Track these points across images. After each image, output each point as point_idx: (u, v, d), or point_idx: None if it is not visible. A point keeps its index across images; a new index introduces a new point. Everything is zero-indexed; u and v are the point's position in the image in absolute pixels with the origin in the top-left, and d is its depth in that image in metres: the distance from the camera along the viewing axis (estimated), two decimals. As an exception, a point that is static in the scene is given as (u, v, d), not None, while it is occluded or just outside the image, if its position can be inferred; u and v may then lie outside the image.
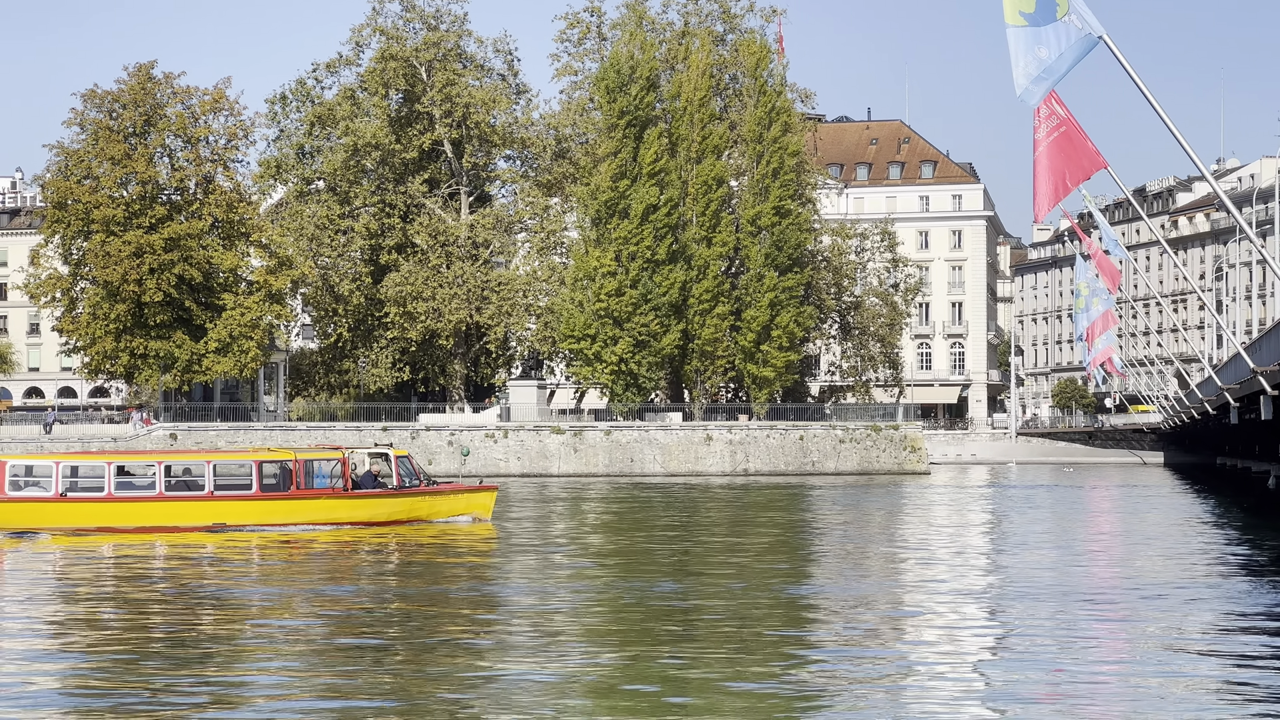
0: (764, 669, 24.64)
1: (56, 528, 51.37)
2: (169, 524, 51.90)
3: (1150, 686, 23.23)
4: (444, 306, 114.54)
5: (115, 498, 52.17)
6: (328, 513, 53.62)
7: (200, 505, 52.53)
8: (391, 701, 22.45)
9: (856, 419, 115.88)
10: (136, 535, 50.52)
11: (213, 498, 52.62)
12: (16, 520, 51.42)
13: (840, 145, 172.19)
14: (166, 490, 52.58)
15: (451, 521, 55.33)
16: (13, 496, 51.78)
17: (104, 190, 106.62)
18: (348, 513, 53.97)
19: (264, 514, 52.99)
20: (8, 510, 51.50)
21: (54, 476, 52.16)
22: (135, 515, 52.12)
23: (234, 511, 52.71)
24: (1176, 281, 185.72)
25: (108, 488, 52.27)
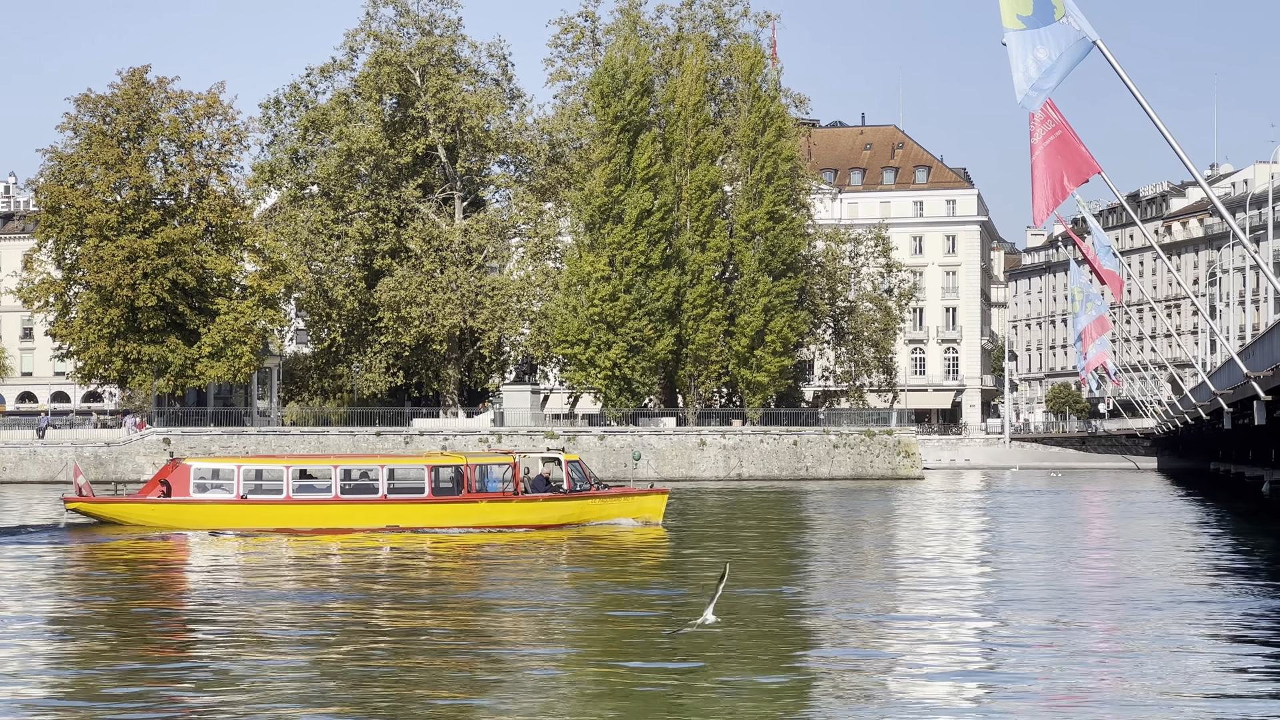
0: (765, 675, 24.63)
1: (237, 528, 53.08)
2: (344, 526, 53.57)
3: (1144, 692, 23.20)
4: (438, 311, 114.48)
5: (293, 500, 54.16)
6: (498, 516, 54.81)
7: (375, 508, 54.18)
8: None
9: (850, 424, 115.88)
10: (313, 536, 52.14)
11: (386, 501, 54.33)
12: (200, 521, 53.27)
13: (834, 150, 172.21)
14: (342, 493, 54.50)
15: (621, 525, 55.91)
16: (197, 499, 53.80)
17: (97, 195, 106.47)
18: (518, 516, 55.05)
19: (436, 517, 54.26)
20: (193, 511, 53.48)
21: (236, 479, 54.19)
22: (312, 517, 54.01)
23: (407, 514, 54.14)
24: (1170, 287, 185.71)
25: (286, 490, 54.28)
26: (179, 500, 53.77)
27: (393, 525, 53.51)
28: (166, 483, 54.30)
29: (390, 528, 53.32)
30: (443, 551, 48.08)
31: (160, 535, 52.01)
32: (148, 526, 53.13)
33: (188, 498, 53.80)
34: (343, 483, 54.86)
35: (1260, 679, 24.37)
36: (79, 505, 55.07)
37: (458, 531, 53.27)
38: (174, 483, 54.09)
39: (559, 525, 55.06)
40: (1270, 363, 50.52)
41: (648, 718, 21.79)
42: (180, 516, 53.55)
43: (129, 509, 54.85)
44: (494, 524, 54.32)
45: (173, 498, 53.83)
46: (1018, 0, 31.40)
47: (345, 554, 47.69)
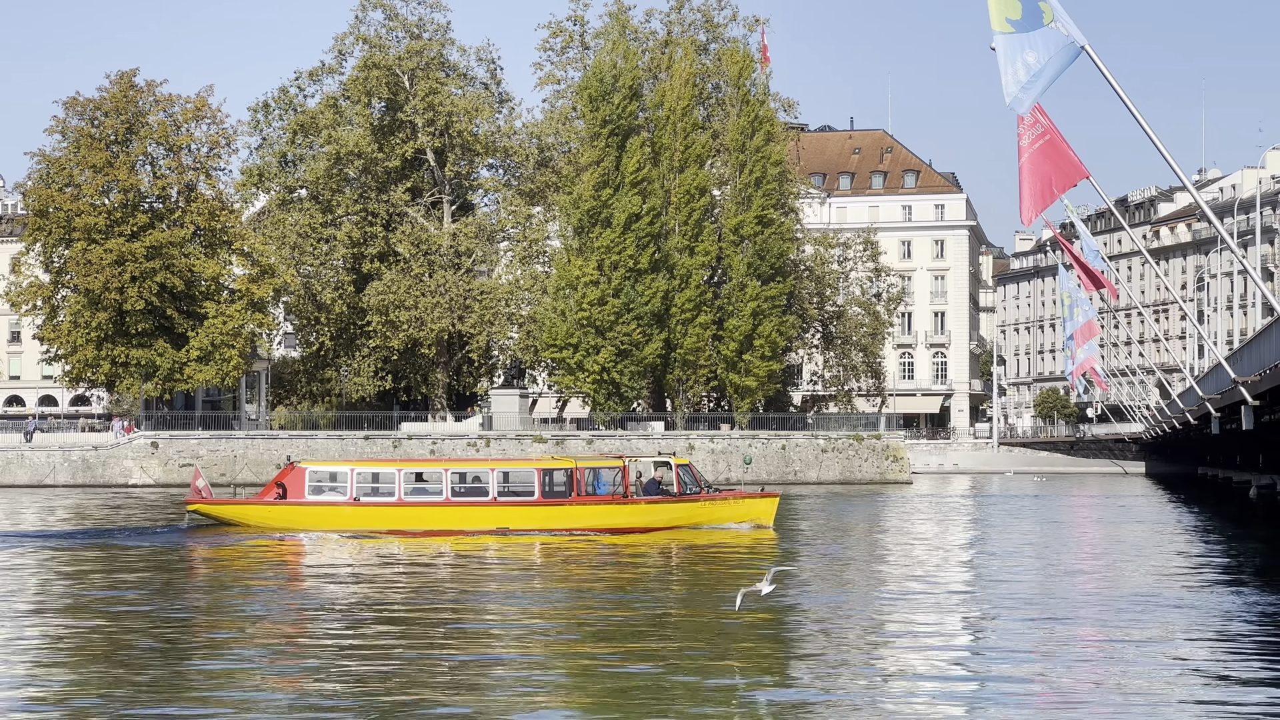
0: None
1: (350, 530, 54.04)
2: (454, 528, 54.22)
3: (1131, 696, 23.22)
4: (426, 315, 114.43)
5: (405, 502, 55.25)
6: (608, 518, 55.26)
7: (485, 510, 54.96)
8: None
9: (839, 428, 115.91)
10: (425, 538, 52.78)
11: (496, 503, 55.13)
12: (314, 523, 54.30)
13: (823, 155, 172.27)
14: (453, 496, 55.41)
15: (731, 528, 56.22)
16: (312, 500, 54.97)
17: (86, 198, 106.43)
18: (628, 519, 55.46)
19: (546, 519, 54.90)
20: (307, 513, 54.57)
21: (349, 482, 55.32)
22: (423, 519, 54.80)
23: (517, 516, 54.87)
24: (1158, 291, 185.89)
25: (398, 493, 55.40)
26: (294, 502, 55.07)
27: (503, 527, 54.30)
28: (283, 485, 55.68)
29: (500, 530, 54.14)
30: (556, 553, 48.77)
31: (276, 536, 53.35)
32: (264, 528, 54.61)
33: (303, 500, 55.06)
34: (453, 485, 55.83)
35: (1248, 683, 24.39)
36: (200, 507, 56.55)
37: (567, 534, 53.90)
38: (290, 485, 55.46)
39: (669, 528, 55.59)
40: (1258, 367, 50.57)
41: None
42: (295, 518, 54.80)
43: (247, 510, 56.31)
44: (604, 527, 54.86)
45: (288, 500, 55.15)
46: (1007, 4, 31.45)
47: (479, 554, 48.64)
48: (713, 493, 58.52)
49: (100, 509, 73.39)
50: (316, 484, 55.62)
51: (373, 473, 57.46)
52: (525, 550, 49.40)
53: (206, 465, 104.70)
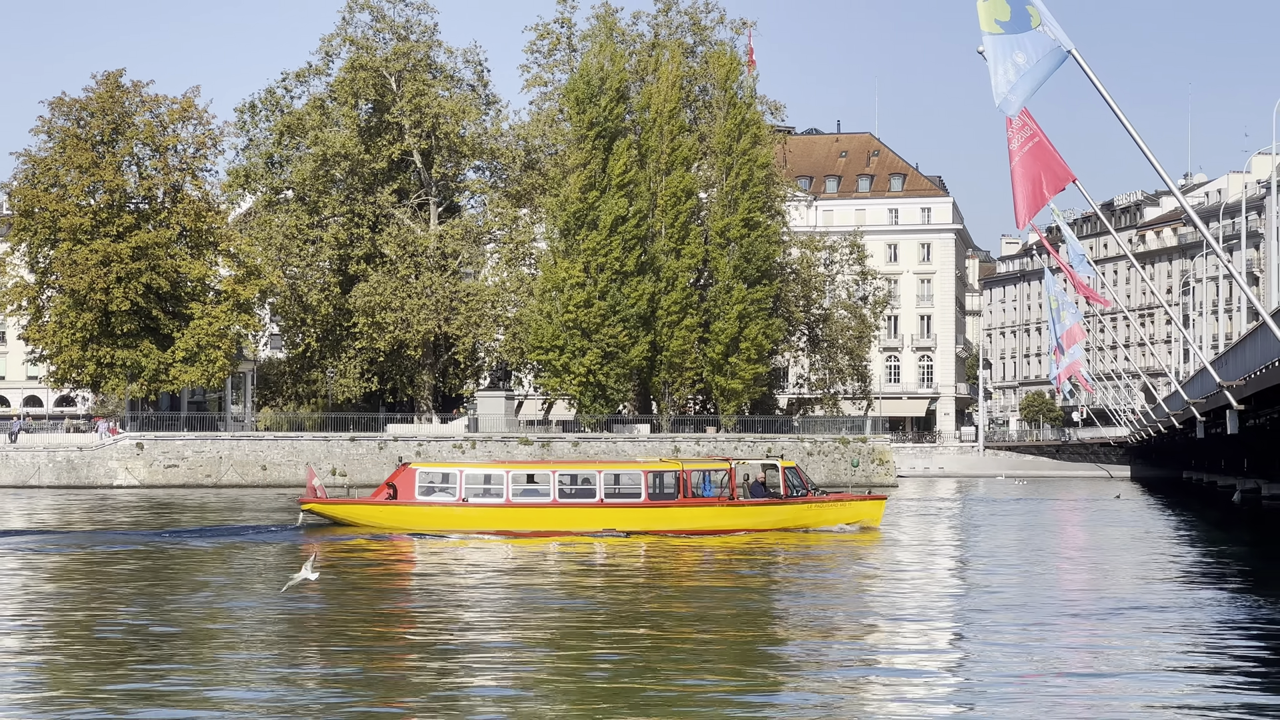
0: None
1: (459, 530, 54.61)
2: (562, 529, 54.79)
3: (1116, 700, 23.24)
4: (412, 317, 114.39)
5: (513, 503, 55.89)
6: (714, 520, 55.65)
7: (592, 512, 55.47)
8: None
9: (824, 431, 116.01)
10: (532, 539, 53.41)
11: (603, 505, 55.67)
12: (424, 523, 55.11)
13: (810, 158, 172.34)
14: (560, 497, 56.14)
15: (838, 530, 56.65)
16: (421, 501, 55.91)
17: (71, 198, 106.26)
18: (734, 520, 55.93)
19: (652, 521, 55.43)
20: (417, 513, 55.54)
21: (458, 483, 56.17)
22: (531, 520, 55.46)
23: (624, 518, 55.38)
24: (1144, 296, 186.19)
25: (506, 494, 56.02)
26: (405, 503, 55.95)
27: (609, 528, 54.68)
28: (394, 486, 56.63)
29: (607, 531, 54.51)
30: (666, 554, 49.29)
31: (386, 535, 54.02)
32: (375, 527, 55.45)
33: (413, 500, 55.91)
34: (561, 487, 56.52)
35: (1230, 689, 24.42)
36: (314, 506, 57.50)
37: (673, 535, 54.30)
38: (400, 486, 56.40)
39: (775, 530, 55.93)
40: (1243, 372, 50.67)
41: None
42: (405, 518, 55.62)
43: (359, 510, 57.41)
44: (709, 528, 55.21)
45: (399, 500, 56.09)
46: (996, 6, 31.48)
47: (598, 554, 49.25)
48: (819, 494, 59.09)
49: (171, 511, 73.32)
50: (426, 485, 56.50)
51: (482, 474, 58.14)
52: (630, 551, 49.99)
53: (192, 466, 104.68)
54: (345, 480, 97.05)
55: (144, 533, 56.94)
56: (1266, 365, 44.58)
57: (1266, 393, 47.30)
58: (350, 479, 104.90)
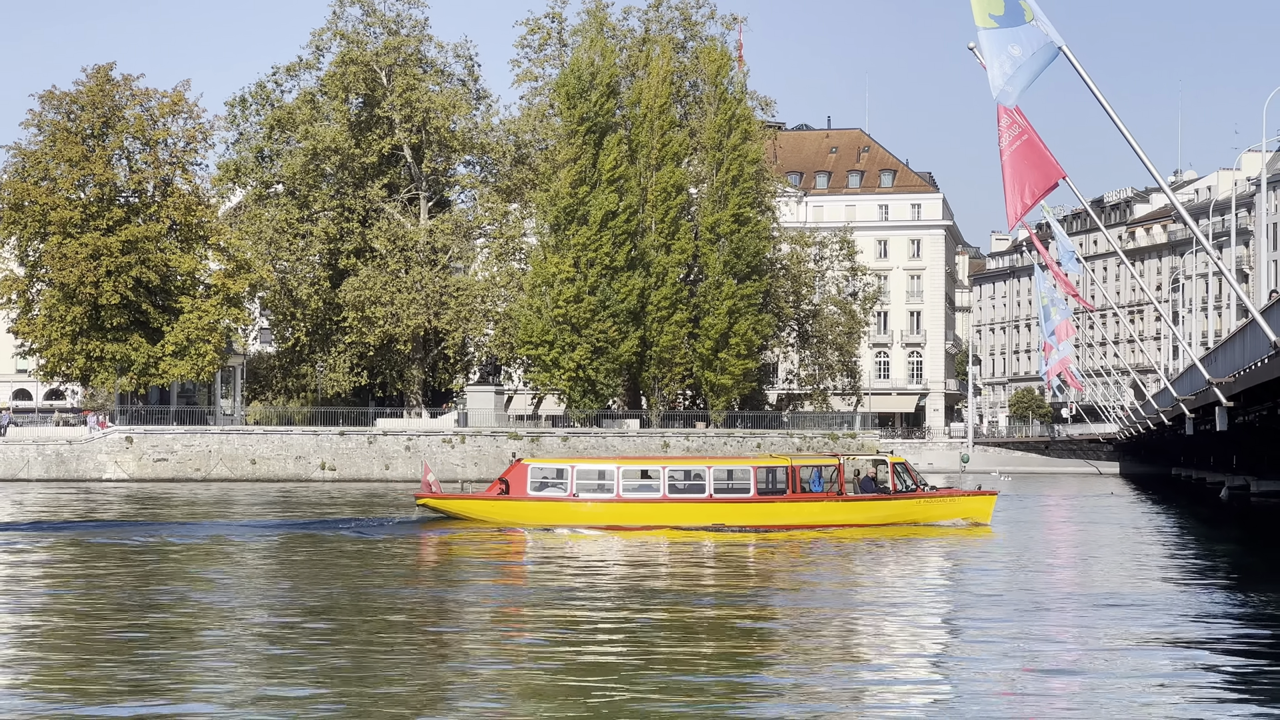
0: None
1: (569, 525, 55.55)
2: (671, 524, 55.24)
3: (1105, 697, 23.26)
4: (402, 311, 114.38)
5: (623, 499, 56.43)
6: (822, 515, 56.09)
7: (701, 507, 55.84)
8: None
9: (814, 427, 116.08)
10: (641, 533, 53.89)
11: (712, 500, 55.99)
12: (535, 517, 55.94)
13: (800, 153, 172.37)
14: (670, 492, 56.55)
15: (947, 525, 56.94)
16: (533, 496, 56.51)
17: (61, 192, 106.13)
18: (842, 516, 56.23)
19: (760, 516, 55.78)
20: (528, 508, 56.25)
21: (569, 478, 56.73)
22: (641, 515, 56.00)
23: (732, 513, 55.67)
24: (1133, 293, 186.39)
25: (617, 489, 56.59)
26: (517, 498, 56.61)
27: (718, 524, 54.96)
28: (506, 481, 57.25)
29: (716, 526, 54.80)
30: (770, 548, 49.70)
31: (498, 529, 54.86)
32: (488, 522, 56.32)
33: (525, 495, 56.51)
34: (670, 482, 56.88)
35: (1219, 685, 24.46)
36: (429, 501, 58.43)
37: (781, 530, 54.65)
38: (512, 481, 56.98)
39: (883, 525, 56.14)
40: (1232, 369, 50.70)
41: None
42: (517, 513, 56.36)
43: (472, 505, 58.18)
44: (818, 523, 55.59)
45: (510, 495, 56.78)
46: (989, 0, 31.52)
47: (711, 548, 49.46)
48: (929, 490, 59.27)
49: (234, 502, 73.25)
50: (538, 480, 57.03)
51: (592, 469, 58.65)
52: (739, 546, 50.25)
53: (181, 460, 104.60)
54: (335, 473, 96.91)
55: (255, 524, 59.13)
56: (1255, 362, 44.60)
57: (1255, 390, 47.33)
58: (340, 473, 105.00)
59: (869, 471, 59.30)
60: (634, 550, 48.17)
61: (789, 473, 56.74)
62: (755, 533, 54.02)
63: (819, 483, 57.32)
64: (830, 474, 57.46)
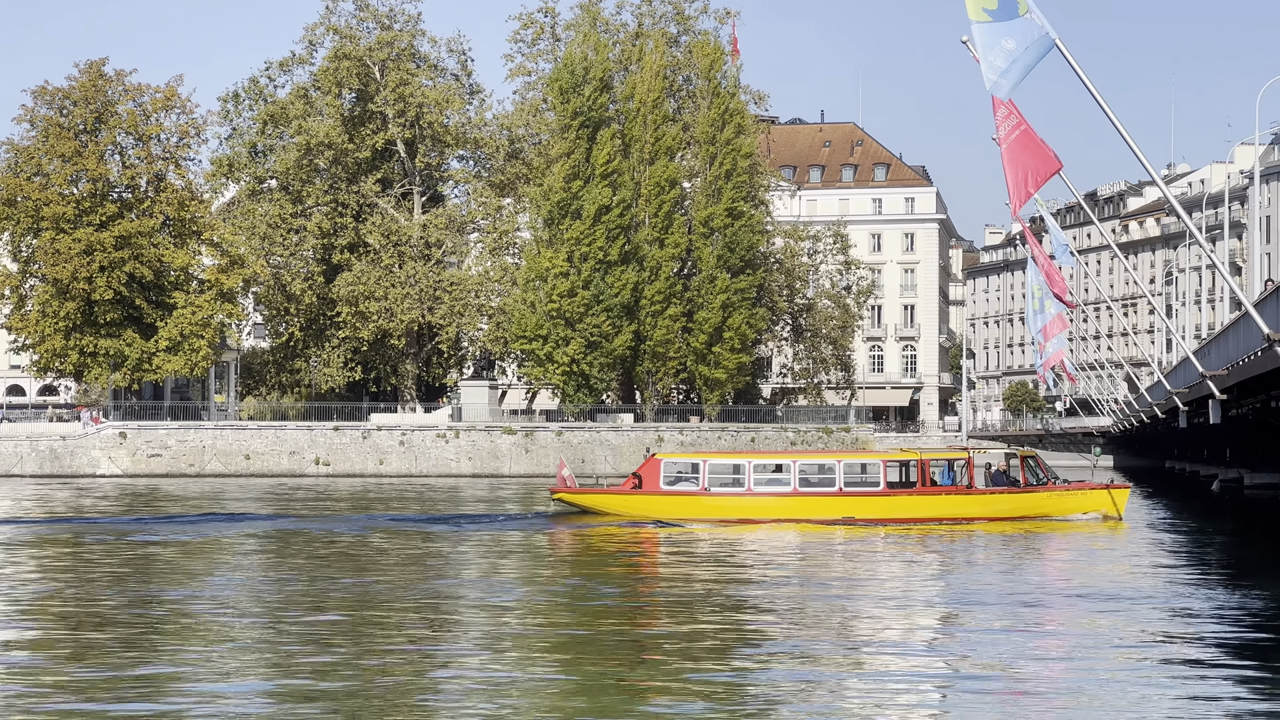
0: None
1: (701, 518, 56.00)
2: (801, 517, 55.96)
3: (1098, 691, 23.27)
4: (396, 306, 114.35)
5: (754, 492, 57.20)
6: (951, 509, 56.44)
7: (831, 500, 56.51)
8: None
9: (808, 421, 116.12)
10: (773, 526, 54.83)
11: (842, 494, 56.60)
12: (667, 511, 56.48)
13: (793, 147, 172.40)
14: (800, 486, 57.23)
15: (1079, 519, 57.04)
16: (666, 490, 57.42)
17: (54, 187, 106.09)
18: (971, 509, 56.50)
19: (890, 509, 56.41)
20: (661, 502, 56.98)
21: (701, 473, 57.68)
22: (772, 509, 56.74)
23: (862, 506, 56.33)
24: (1127, 286, 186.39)
25: (748, 483, 57.35)
26: (650, 492, 57.41)
27: (848, 517, 55.53)
28: (640, 475, 58.24)
29: (846, 519, 55.35)
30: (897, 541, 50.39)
31: (631, 524, 55.43)
32: (621, 516, 57.18)
33: (658, 490, 57.35)
34: (801, 476, 57.54)
35: (1210, 680, 24.48)
36: (564, 495, 59.21)
37: (911, 524, 55.05)
38: (645, 475, 57.98)
39: (1014, 519, 56.32)
40: (1225, 362, 50.71)
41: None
42: (650, 507, 57.00)
43: (605, 499, 59.12)
44: (947, 516, 55.95)
45: (644, 490, 57.59)
46: (984, -6, 31.54)
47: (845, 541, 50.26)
48: (1060, 484, 59.31)
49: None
50: (671, 474, 58.02)
51: (724, 464, 59.61)
52: (868, 539, 50.84)
53: (175, 456, 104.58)
54: (329, 468, 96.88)
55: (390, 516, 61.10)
56: (1249, 355, 44.62)
57: (1249, 382, 47.39)
58: (334, 468, 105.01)
59: (999, 465, 59.27)
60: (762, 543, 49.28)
61: (919, 466, 57.30)
62: (884, 526, 54.61)
63: (948, 476, 57.75)
64: (960, 467, 57.85)
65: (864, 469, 58.29)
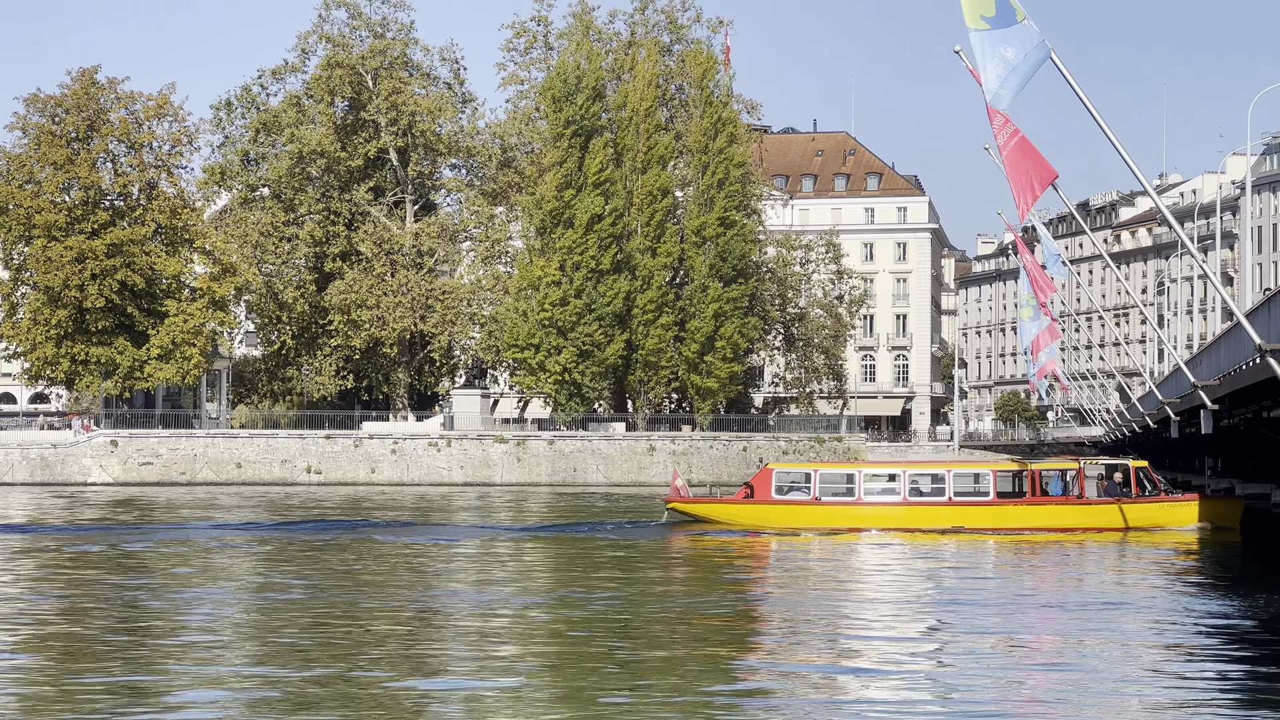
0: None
1: (812, 528, 56.35)
2: (911, 526, 56.22)
3: (1088, 698, 23.27)
4: (388, 315, 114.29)
5: (864, 502, 57.62)
6: (1060, 519, 56.41)
7: (940, 510, 56.83)
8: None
9: (800, 430, 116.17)
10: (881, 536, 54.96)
11: (951, 503, 56.91)
12: (779, 520, 57.08)
13: (786, 156, 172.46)
14: (910, 496, 57.44)
15: (1191, 530, 56.56)
16: (777, 500, 57.86)
17: (46, 195, 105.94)
18: (1081, 519, 56.51)
19: (999, 519, 56.41)
20: (773, 512, 57.44)
21: (812, 482, 58.20)
22: (881, 518, 57.08)
23: (971, 516, 56.54)
24: (1119, 295, 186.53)
25: (858, 493, 57.82)
26: (761, 501, 57.82)
27: (957, 526, 55.77)
28: (752, 485, 58.82)
29: (955, 529, 55.57)
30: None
31: (743, 533, 55.71)
32: (734, 525, 57.24)
33: (769, 499, 57.76)
34: (911, 486, 57.75)
35: (1199, 687, 24.48)
36: (677, 504, 59.73)
37: (1021, 533, 55.13)
38: (757, 485, 58.49)
39: (1124, 529, 56.16)
40: (1216, 372, 50.71)
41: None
42: (762, 516, 57.47)
43: (718, 509, 59.43)
44: (1057, 527, 55.88)
45: (755, 499, 58.02)
46: (981, 2, 31.55)
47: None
48: (1172, 494, 59.02)
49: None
50: (782, 484, 58.35)
51: (834, 474, 60.38)
52: (978, 549, 51.13)
53: (166, 464, 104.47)
54: (321, 476, 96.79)
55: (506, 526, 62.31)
56: (1240, 365, 44.62)
57: (1240, 393, 47.35)
58: (325, 476, 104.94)
59: (1110, 475, 59.03)
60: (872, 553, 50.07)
61: (1030, 476, 57.23)
62: (994, 535, 54.71)
63: (1058, 486, 57.54)
64: (1070, 477, 57.73)
65: (975, 479, 58.48)
